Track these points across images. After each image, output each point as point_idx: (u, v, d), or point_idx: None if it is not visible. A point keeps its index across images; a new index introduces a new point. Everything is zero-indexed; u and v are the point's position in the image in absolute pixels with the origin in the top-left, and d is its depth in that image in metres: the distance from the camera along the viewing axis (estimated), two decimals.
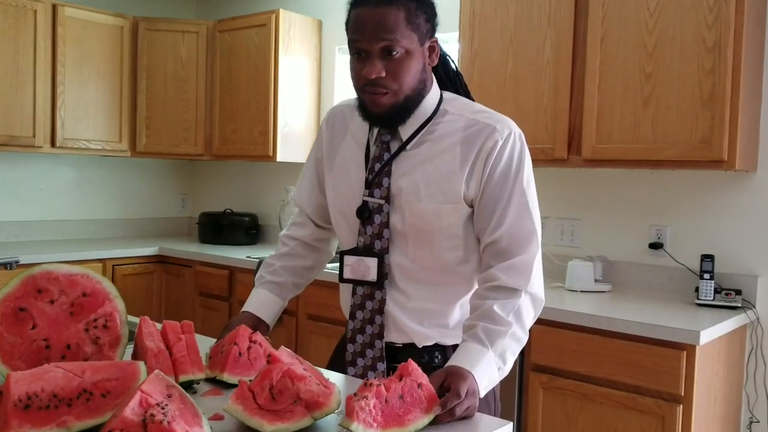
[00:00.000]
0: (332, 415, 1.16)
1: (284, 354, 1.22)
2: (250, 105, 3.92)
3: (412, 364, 1.19)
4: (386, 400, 1.13)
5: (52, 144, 3.71)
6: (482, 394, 1.30)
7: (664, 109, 2.47)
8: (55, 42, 3.67)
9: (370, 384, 1.12)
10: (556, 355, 2.43)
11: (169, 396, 1.04)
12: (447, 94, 1.53)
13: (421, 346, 1.51)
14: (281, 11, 3.80)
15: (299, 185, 1.71)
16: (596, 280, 2.82)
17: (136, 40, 4.05)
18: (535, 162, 2.79)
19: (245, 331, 1.42)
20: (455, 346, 1.50)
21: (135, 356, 1.33)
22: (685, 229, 2.81)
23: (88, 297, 1.31)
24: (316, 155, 1.66)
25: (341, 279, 1.52)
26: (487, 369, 1.32)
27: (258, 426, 1.08)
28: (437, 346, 1.52)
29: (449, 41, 3.31)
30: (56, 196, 4.11)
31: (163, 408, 0.96)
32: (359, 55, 1.40)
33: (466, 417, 1.22)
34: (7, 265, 1.85)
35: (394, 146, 1.49)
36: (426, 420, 1.15)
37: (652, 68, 2.49)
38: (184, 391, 1.11)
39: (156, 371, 1.10)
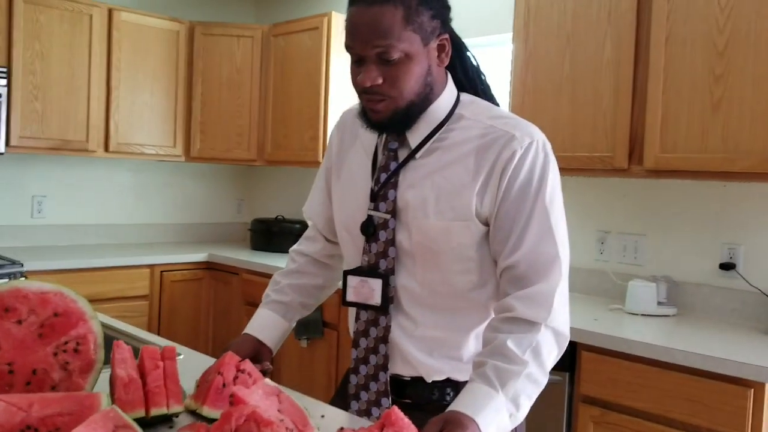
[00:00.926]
0: None
1: (258, 391, 1.08)
2: (302, 110, 3.83)
3: (397, 413, 1.02)
4: None
5: (106, 148, 3.73)
6: None
7: (736, 116, 2.20)
8: (111, 46, 3.69)
9: None
10: (609, 387, 2.20)
11: None
12: (465, 97, 1.36)
13: (430, 381, 1.34)
14: (333, 14, 3.70)
15: (310, 197, 1.58)
16: (659, 303, 2.57)
17: (191, 44, 4.04)
18: (593, 172, 2.59)
19: (231, 359, 1.28)
20: None
21: (110, 385, 1.22)
22: (760, 249, 2.51)
23: (59, 317, 1.20)
24: (326, 164, 1.53)
25: (344, 302, 1.38)
26: (496, 416, 1.14)
27: None
28: (449, 382, 1.34)
29: (503, 43, 3.12)
30: (111, 200, 4.14)
31: None
32: (356, 59, 1.26)
33: None
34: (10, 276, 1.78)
35: (402, 154, 1.33)
36: None
37: (722, 70, 2.22)
38: (140, 431, 0.98)
39: (110, 407, 0.99)
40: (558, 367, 2.29)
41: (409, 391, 1.36)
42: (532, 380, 1.19)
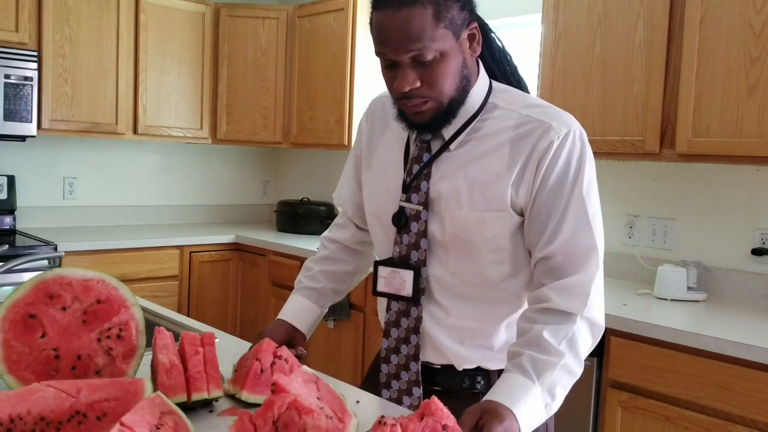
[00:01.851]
0: None
1: (298, 379, 1.09)
2: (327, 92, 3.83)
3: (436, 403, 1.03)
4: None
5: (135, 131, 3.76)
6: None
7: None
8: (138, 29, 3.71)
9: (384, 423, 0.98)
10: (638, 372, 2.19)
11: (159, 427, 0.94)
12: (497, 85, 1.34)
13: (461, 369, 1.35)
14: None
15: (340, 184, 1.58)
16: (689, 288, 2.55)
17: (217, 26, 4.04)
18: (624, 156, 2.56)
19: (269, 345, 1.30)
20: (500, 372, 1.34)
21: (152, 370, 1.25)
22: None
23: (102, 304, 1.23)
24: (355, 152, 1.52)
25: (375, 292, 1.38)
26: (532, 406, 1.14)
27: None
28: (480, 370, 1.35)
29: (532, 24, 3.08)
30: (140, 182, 4.19)
31: None
32: (389, 65, 1.23)
33: None
34: (50, 260, 1.81)
35: (435, 146, 1.32)
36: None
37: (759, 52, 2.18)
38: (183, 417, 1.01)
39: (155, 393, 1.01)
40: None
41: (439, 379, 1.37)
42: (568, 371, 1.20)
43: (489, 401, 1.14)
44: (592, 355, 2.29)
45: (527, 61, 3.21)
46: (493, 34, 1.38)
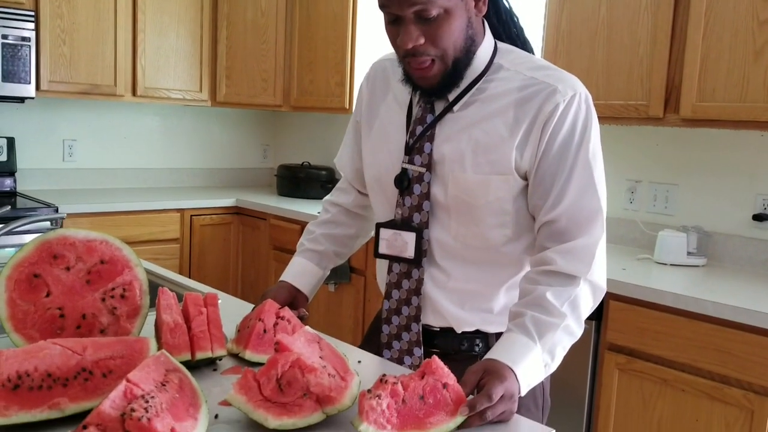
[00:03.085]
0: (349, 408, 1.04)
1: (301, 338, 1.10)
2: (328, 55, 3.79)
3: (437, 362, 1.04)
4: (403, 400, 1.00)
5: (134, 93, 3.73)
6: (523, 393, 1.14)
7: None
8: None
9: (386, 381, 0.99)
10: (636, 336, 2.21)
11: (164, 384, 0.95)
12: (502, 46, 1.33)
13: (460, 332, 1.36)
14: None
15: (342, 149, 1.58)
16: (689, 253, 2.56)
17: None
18: (627, 120, 2.55)
19: (272, 306, 1.31)
20: (499, 335, 1.35)
21: (155, 329, 1.26)
22: None
23: (106, 264, 1.23)
24: (355, 117, 1.51)
25: (376, 254, 1.38)
26: (532, 366, 1.16)
27: (261, 420, 0.98)
28: (478, 333, 1.37)
29: None
30: (140, 145, 4.17)
31: (147, 401, 0.87)
32: (392, 20, 1.21)
33: (501, 421, 1.08)
34: (52, 221, 1.81)
35: (439, 107, 1.31)
36: (452, 424, 1.01)
37: (767, 15, 2.15)
38: (188, 374, 1.02)
39: (160, 352, 1.02)
40: None
41: (438, 341, 1.38)
42: (569, 332, 1.21)
43: (491, 360, 1.15)
44: (590, 318, 2.31)
45: (531, 23, 3.17)
46: None
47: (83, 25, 3.49)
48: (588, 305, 1.24)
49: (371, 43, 3.68)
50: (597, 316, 2.31)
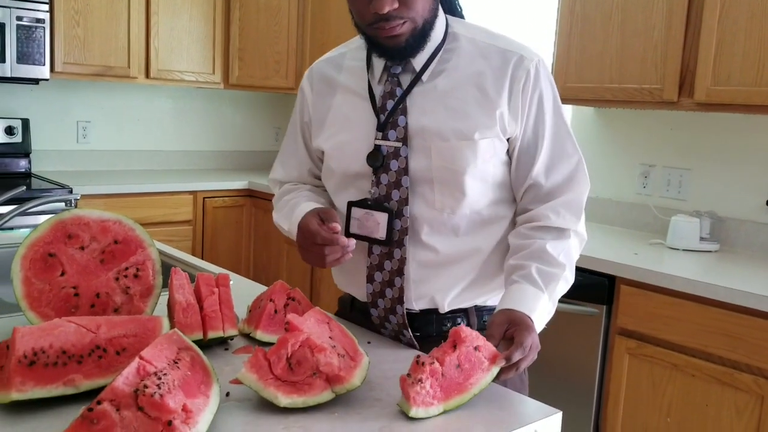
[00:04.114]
0: (359, 388, 1.05)
1: (311, 318, 1.12)
2: (341, 37, 3.76)
3: (465, 330, 1.07)
4: (443, 374, 1.03)
5: (147, 75, 3.74)
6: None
7: None
8: None
9: (423, 363, 1.02)
10: (647, 320, 2.21)
11: (176, 361, 0.97)
12: (449, 16, 1.34)
13: (443, 312, 1.35)
14: None
15: (282, 161, 1.52)
16: (702, 239, 2.55)
17: None
18: (641, 104, 2.53)
19: (282, 287, 1.33)
20: (481, 309, 1.38)
21: (168, 309, 1.27)
22: None
23: (119, 244, 1.25)
24: (302, 120, 1.46)
25: (347, 233, 1.33)
26: (542, 315, 1.22)
27: (272, 398, 0.99)
28: (459, 311, 1.37)
29: None
30: (153, 127, 4.19)
31: (159, 378, 0.89)
32: None
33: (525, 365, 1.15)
34: (66, 202, 1.84)
35: (406, 80, 1.30)
36: (489, 377, 1.07)
37: None
38: (200, 352, 1.04)
39: (173, 330, 1.04)
40: (595, 300, 2.33)
41: (418, 324, 1.36)
42: (566, 281, 1.28)
43: (510, 311, 1.18)
44: (601, 302, 2.31)
45: (546, 5, 3.15)
46: None
47: (97, 6, 3.50)
48: (577, 254, 1.32)
49: None
50: (608, 301, 2.32)
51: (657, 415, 2.21)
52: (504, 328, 1.15)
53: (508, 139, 1.29)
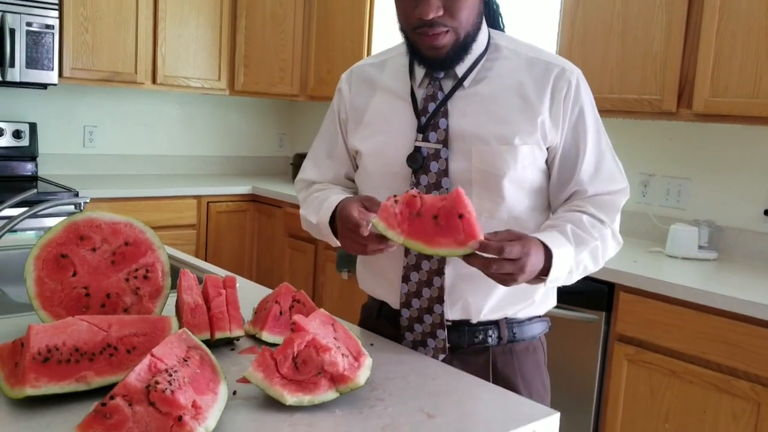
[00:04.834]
0: (362, 387, 1.09)
1: (316, 320, 1.15)
2: (345, 46, 3.82)
3: (461, 194, 1.12)
4: (418, 213, 1.09)
5: (154, 81, 3.79)
6: (550, 282, 1.21)
7: None
8: None
9: (407, 192, 1.11)
10: (646, 327, 2.24)
11: (186, 359, 1.00)
12: (492, 30, 1.39)
13: (476, 322, 1.35)
14: None
15: (315, 163, 1.52)
16: (700, 247, 2.58)
17: None
18: (641, 114, 2.57)
19: (288, 289, 1.36)
20: (509, 321, 1.38)
21: (176, 310, 1.31)
22: None
23: (130, 246, 1.29)
24: (339, 118, 1.49)
25: None
26: (565, 258, 1.23)
27: (278, 396, 1.02)
28: (491, 323, 1.37)
29: None
30: (159, 132, 4.23)
31: (170, 375, 0.92)
32: None
33: (502, 281, 1.17)
34: (76, 205, 1.87)
35: (447, 85, 1.34)
36: (458, 251, 1.11)
37: None
38: (208, 351, 1.07)
39: (182, 330, 1.07)
40: (595, 307, 2.36)
41: (450, 335, 1.36)
42: (594, 258, 1.29)
43: (529, 236, 1.20)
44: (600, 309, 2.34)
45: (547, 15, 3.19)
46: None
47: (105, 13, 3.55)
48: (610, 248, 1.33)
49: (388, 35, 3.71)
50: (607, 307, 2.35)
51: (655, 421, 2.24)
52: (510, 238, 1.16)
53: (548, 148, 1.32)
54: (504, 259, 1.12)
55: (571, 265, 1.25)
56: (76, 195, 3.27)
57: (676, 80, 2.44)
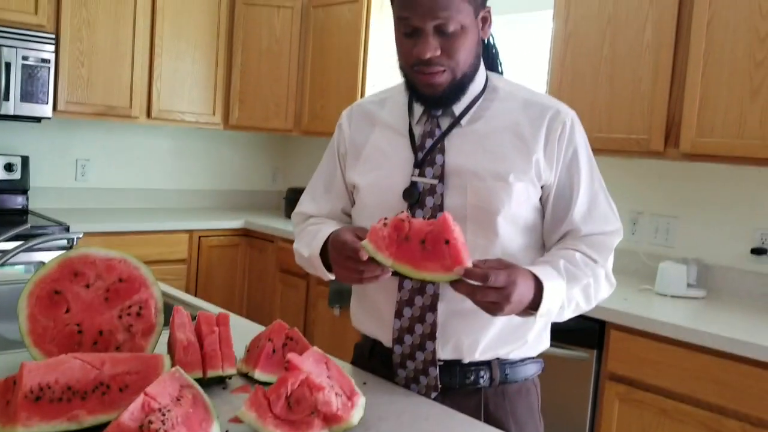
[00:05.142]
0: (355, 428, 1.09)
1: (309, 358, 1.15)
2: (339, 82, 3.88)
3: (448, 219, 1.14)
4: (407, 237, 1.12)
5: (148, 115, 3.82)
6: (541, 316, 1.23)
7: None
8: (155, 14, 3.76)
9: (396, 215, 1.14)
10: (636, 365, 2.25)
11: (179, 399, 1.00)
12: (489, 72, 1.43)
13: (468, 361, 1.35)
14: None
15: (313, 198, 1.54)
16: (689, 285, 2.60)
17: (233, 14, 4.08)
18: (629, 153, 2.62)
19: (281, 327, 1.37)
20: (501, 362, 1.38)
21: (169, 347, 1.31)
22: None
23: (124, 282, 1.29)
24: (339, 152, 1.51)
25: None
26: (555, 294, 1.24)
27: None
28: (483, 364, 1.36)
29: (544, 20, 3.12)
30: (152, 166, 4.25)
31: (164, 414, 0.92)
32: (409, 31, 1.28)
33: (489, 311, 1.17)
34: (69, 240, 1.87)
35: (445, 122, 1.37)
36: (444, 276, 1.13)
37: (764, 56, 2.22)
38: (201, 391, 1.07)
39: (175, 368, 1.07)
40: (586, 345, 2.36)
41: (440, 376, 1.35)
42: (586, 295, 1.32)
43: (520, 267, 1.21)
44: (591, 347, 2.35)
45: (537, 57, 3.25)
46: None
47: (102, 48, 3.59)
48: (602, 288, 1.35)
49: (382, 72, 3.77)
50: (598, 345, 2.35)
51: None
52: (499, 266, 1.17)
53: (542, 187, 1.35)
54: (489, 287, 1.14)
55: (562, 299, 1.27)
56: (67, 229, 3.27)
57: (664, 120, 2.49)
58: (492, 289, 1.14)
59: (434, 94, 1.32)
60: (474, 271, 1.13)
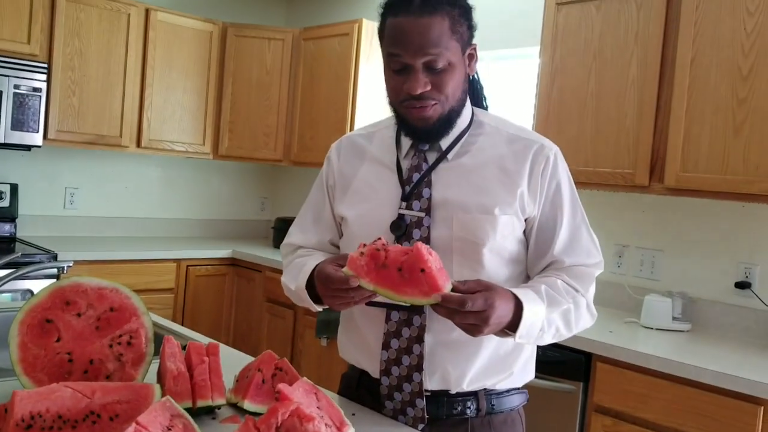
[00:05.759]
0: None
1: (299, 389, 1.16)
2: (329, 113, 3.92)
3: (421, 249, 1.17)
4: (384, 265, 1.16)
5: (138, 144, 3.84)
6: (518, 338, 1.25)
7: (757, 139, 2.26)
8: (146, 45, 3.80)
9: (372, 244, 1.18)
10: (622, 398, 2.26)
11: (170, 428, 1.00)
12: (475, 108, 1.47)
13: (455, 392, 1.36)
14: (364, 21, 3.78)
15: (302, 229, 1.56)
16: (674, 318, 2.62)
17: (224, 45, 4.13)
18: (614, 187, 2.66)
19: (270, 357, 1.37)
20: (489, 393, 1.39)
21: (159, 376, 1.31)
22: None
23: (115, 312, 1.30)
24: (326, 183, 1.53)
25: (369, 302, 1.33)
26: (534, 316, 1.26)
27: None
28: (470, 394, 1.38)
29: (530, 55, 3.19)
30: (140, 194, 4.25)
31: None
32: (399, 68, 1.32)
33: (469, 332, 1.20)
34: (58, 269, 1.88)
35: (432, 157, 1.41)
36: (424, 301, 1.16)
37: (746, 93, 2.28)
38: (191, 420, 1.07)
39: (165, 398, 1.08)
40: (572, 377, 2.37)
41: (428, 407, 1.36)
42: (566, 320, 1.33)
43: (500, 288, 1.23)
44: (577, 379, 2.36)
45: (524, 92, 3.31)
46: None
47: (94, 77, 3.62)
48: (583, 316, 1.37)
49: (371, 104, 3.82)
50: (584, 378, 2.36)
51: None
52: (479, 286, 1.21)
53: (525, 220, 1.38)
54: (467, 311, 1.17)
55: (542, 322, 1.29)
56: (55, 257, 3.26)
57: (648, 155, 2.54)
58: (470, 313, 1.17)
59: (425, 127, 1.35)
60: (452, 297, 1.17)
